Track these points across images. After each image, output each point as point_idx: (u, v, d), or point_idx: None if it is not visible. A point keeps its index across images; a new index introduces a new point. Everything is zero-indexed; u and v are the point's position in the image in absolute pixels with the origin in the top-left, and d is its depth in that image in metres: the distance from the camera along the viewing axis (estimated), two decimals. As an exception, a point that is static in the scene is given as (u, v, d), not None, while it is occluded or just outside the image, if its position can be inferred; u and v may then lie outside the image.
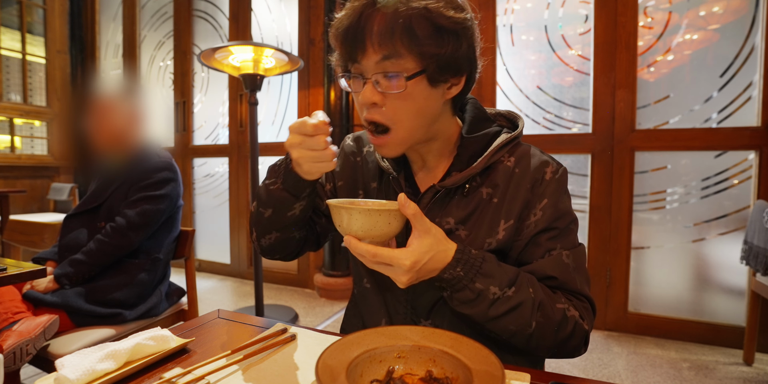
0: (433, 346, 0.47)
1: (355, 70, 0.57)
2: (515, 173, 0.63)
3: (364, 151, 0.76)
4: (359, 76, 0.57)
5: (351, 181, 0.75)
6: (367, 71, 0.56)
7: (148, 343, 0.55)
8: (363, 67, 0.56)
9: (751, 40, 1.84)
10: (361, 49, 0.54)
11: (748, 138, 1.83)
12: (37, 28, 3.83)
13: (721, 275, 1.93)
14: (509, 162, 0.64)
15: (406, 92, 0.55)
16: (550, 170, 0.63)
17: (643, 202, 2.04)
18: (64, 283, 1.19)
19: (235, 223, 3.11)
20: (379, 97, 0.56)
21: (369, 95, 0.55)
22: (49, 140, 3.87)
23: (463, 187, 0.63)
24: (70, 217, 1.34)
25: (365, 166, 0.74)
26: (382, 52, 0.53)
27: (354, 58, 0.56)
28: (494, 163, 0.64)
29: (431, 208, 0.64)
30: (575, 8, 2.14)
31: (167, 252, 1.38)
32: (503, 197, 0.63)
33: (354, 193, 0.74)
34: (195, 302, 1.45)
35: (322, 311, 2.39)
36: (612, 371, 1.68)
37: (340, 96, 2.53)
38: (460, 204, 0.64)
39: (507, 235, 0.62)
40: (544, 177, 0.63)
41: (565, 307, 0.57)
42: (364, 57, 0.55)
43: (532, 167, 0.63)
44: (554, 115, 2.21)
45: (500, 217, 0.62)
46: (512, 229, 0.62)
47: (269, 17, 2.95)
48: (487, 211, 0.63)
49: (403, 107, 0.56)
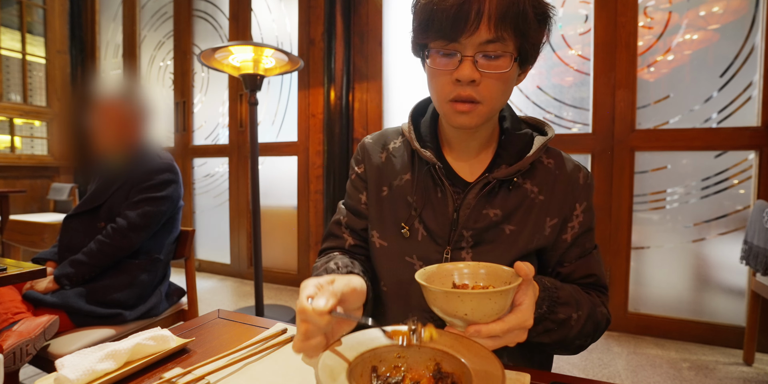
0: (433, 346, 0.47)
1: (447, 48, 0.56)
2: (557, 174, 0.67)
3: (390, 147, 0.73)
4: (454, 53, 0.56)
5: (377, 178, 0.72)
6: (466, 49, 0.55)
7: (148, 343, 0.55)
8: (462, 45, 0.55)
9: (751, 40, 1.84)
10: (471, 29, 0.53)
11: (748, 138, 1.83)
12: (37, 28, 3.83)
13: (721, 275, 1.93)
14: (549, 163, 0.68)
15: (507, 73, 0.57)
16: (583, 175, 0.68)
17: (643, 202, 2.04)
18: (64, 284, 1.19)
19: (235, 223, 3.11)
20: (478, 75, 0.56)
21: (469, 72, 0.55)
22: (49, 140, 3.87)
23: (511, 181, 0.64)
24: (70, 217, 1.34)
25: (391, 161, 0.72)
26: (496, 33, 0.54)
27: (455, 36, 0.55)
28: (535, 162, 0.67)
29: (480, 198, 0.64)
30: (575, 8, 2.14)
31: (167, 252, 1.38)
32: (549, 196, 0.65)
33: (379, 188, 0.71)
34: (195, 302, 1.45)
35: (322, 311, 2.39)
36: (612, 371, 1.68)
37: (340, 96, 2.53)
38: (507, 198, 0.64)
39: (552, 233, 0.65)
40: (578, 181, 0.67)
41: (602, 309, 0.63)
42: (470, 36, 0.54)
43: (570, 170, 0.67)
44: (554, 115, 2.21)
45: (546, 215, 0.65)
46: (557, 227, 0.65)
47: (269, 17, 2.95)
48: (533, 208, 0.64)
49: (496, 86, 0.57)
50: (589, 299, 0.62)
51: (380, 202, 0.70)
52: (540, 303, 0.53)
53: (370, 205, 0.72)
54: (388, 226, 0.68)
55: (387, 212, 0.69)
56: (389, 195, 0.69)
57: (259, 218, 2.01)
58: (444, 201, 0.65)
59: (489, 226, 0.63)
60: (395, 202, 0.69)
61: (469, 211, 0.63)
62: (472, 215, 0.63)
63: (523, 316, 0.45)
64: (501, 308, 0.44)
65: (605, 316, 0.64)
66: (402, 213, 0.67)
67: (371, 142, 0.75)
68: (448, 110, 0.60)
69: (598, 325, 0.62)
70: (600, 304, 0.64)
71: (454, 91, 0.58)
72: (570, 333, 0.58)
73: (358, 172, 0.75)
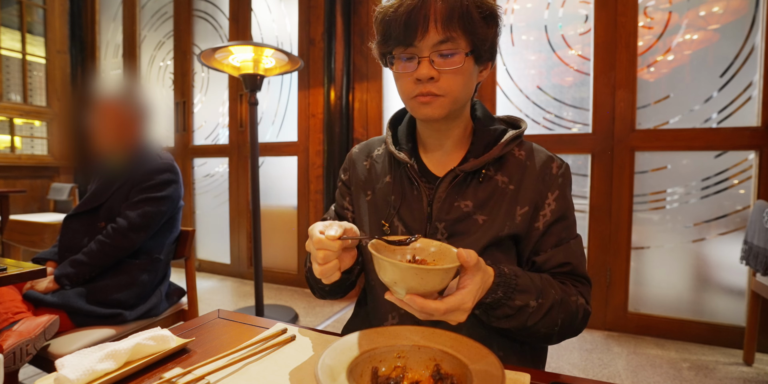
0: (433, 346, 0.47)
1: (406, 53, 0.63)
2: (527, 165, 0.70)
3: (373, 154, 0.80)
4: (412, 56, 0.62)
5: (362, 184, 0.78)
6: (422, 51, 0.62)
7: (148, 343, 0.55)
8: (418, 49, 0.62)
9: (751, 40, 1.84)
10: (422, 32, 0.60)
11: (748, 138, 1.83)
12: (37, 28, 3.83)
13: (721, 275, 1.93)
14: (520, 155, 0.71)
15: (462, 67, 0.62)
16: (556, 165, 0.70)
17: (643, 202, 2.04)
18: (64, 284, 1.19)
19: (235, 223, 3.11)
20: (435, 73, 0.62)
21: (426, 71, 0.61)
22: (49, 140, 3.87)
23: (480, 173, 0.68)
24: (70, 217, 1.34)
25: (374, 167, 0.78)
26: (444, 34, 0.60)
27: (410, 41, 0.61)
28: (506, 155, 0.70)
29: (450, 191, 0.68)
30: (575, 8, 2.14)
31: (167, 252, 1.38)
32: (519, 185, 0.68)
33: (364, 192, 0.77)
34: (195, 302, 1.45)
35: (322, 311, 2.39)
36: (612, 371, 1.68)
37: (340, 96, 2.53)
38: (477, 189, 0.68)
39: (523, 221, 0.67)
40: (551, 171, 0.70)
41: (576, 298, 0.64)
42: (423, 39, 0.60)
43: (541, 161, 0.70)
44: (554, 115, 2.21)
45: (516, 204, 0.67)
46: (528, 215, 0.67)
47: (269, 17, 2.95)
48: (504, 198, 0.68)
49: (455, 80, 0.63)
50: (562, 289, 0.63)
51: (365, 206, 0.76)
52: (495, 288, 0.55)
53: (355, 209, 0.78)
54: (372, 225, 0.74)
55: (372, 214, 0.75)
56: (373, 198, 0.75)
57: (259, 218, 2.01)
58: (419, 197, 0.70)
59: (461, 217, 0.67)
60: (378, 204, 0.74)
61: (441, 204, 0.68)
62: (443, 208, 0.68)
63: (463, 298, 0.48)
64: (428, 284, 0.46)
65: (583, 307, 0.64)
66: (383, 212, 0.73)
67: (357, 152, 0.82)
68: (414, 105, 0.66)
69: (572, 316, 0.63)
70: (575, 293, 0.64)
71: (416, 89, 0.64)
72: (529, 320, 0.59)
73: (344, 180, 0.82)
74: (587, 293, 0.67)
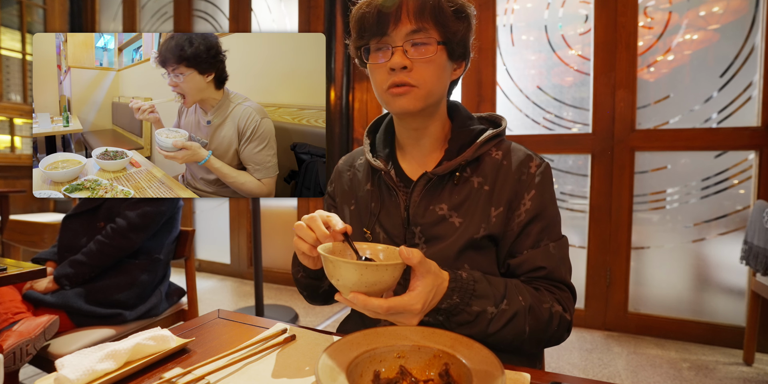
0: (433, 346, 0.47)
1: (380, 43, 0.64)
2: (503, 165, 0.68)
3: (356, 164, 0.80)
4: (386, 46, 0.64)
5: (346, 193, 0.79)
6: (395, 41, 0.63)
7: (148, 343, 0.55)
8: (391, 38, 0.63)
9: (751, 40, 1.84)
10: (394, 22, 0.62)
11: (748, 138, 1.83)
12: (37, 28, 3.83)
13: (721, 275, 1.93)
14: (497, 155, 0.69)
15: (434, 57, 0.63)
16: (535, 164, 0.68)
17: (643, 202, 2.04)
18: (64, 284, 1.19)
19: (235, 223, 3.11)
20: (408, 62, 0.62)
21: (400, 60, 0.62)
22: (49, 140, 3.87)
23: (454, 175, 0.67)
24: (70, 217, 1.34)
25: (356, 176, 0.79)
26: (416, 24, 0.62)
27: (383, 31, 0.63)
28: (483, 156, 0.69)
29: (424, 195, 0.68)
30: (575, 8, 2.14)
31: (167, 252, 1.38)
32: (493, 186, 0.67)
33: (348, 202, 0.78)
34: (195, 302, 1.45)
35: (322, 311, 2.39)
36: (612, 371, 1.68)
37: (340, 96, 2.53)
38: (452, 192, 0.67)
39: (499, 222, 0.65)
40: (529, 170, 0.68)
41: (550, 306, 0.61)
42: (396, 29, 0.62)
43: (518, 160, 0.69)
44: (554, 115, 2.21)
45: (491, 204, 0.66)
46: (503, 215, 0.66)
47: (269, 17, 2.95)
48: (479, 199, 0.66)
49: (428, 70, 0.63)
50: (533, 295, 0.60)
51: (349, 215, 0.77)
52: (450, 293, 0.54)
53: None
54: (356, 233, 0.73)
55: (355, 222, 0.75)
56: (356, 208, 0.76)
57: (259, 218, 2.01)
58: (396, 202, 0.70)
59: (436, 220, 0.66)
60: (360, 212, 0.75)
61: (416, 209, 0.68)
62: (418, 212, 0.67)
63: (410, 300, 0.48)
64: (369, 280, 0.47)
65: (558, 314, 0.61)
66: (365, 219, 0.73)
67: (341, 164, 0.84)
68: (387, 98, 0.65)
69: (544, 324, 0.60)
70: (549, 301, 0.61)
71: (389, 79, 0.64)
72: (490, 327, 0.57)
73: (329, 191, 0.84)
74: (567, 300, 0.64)
